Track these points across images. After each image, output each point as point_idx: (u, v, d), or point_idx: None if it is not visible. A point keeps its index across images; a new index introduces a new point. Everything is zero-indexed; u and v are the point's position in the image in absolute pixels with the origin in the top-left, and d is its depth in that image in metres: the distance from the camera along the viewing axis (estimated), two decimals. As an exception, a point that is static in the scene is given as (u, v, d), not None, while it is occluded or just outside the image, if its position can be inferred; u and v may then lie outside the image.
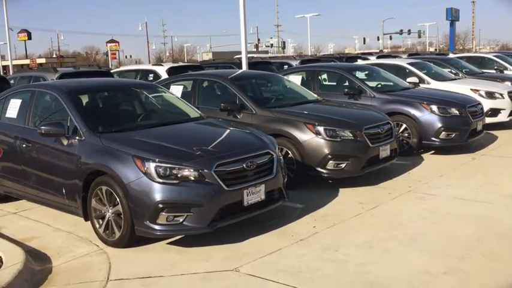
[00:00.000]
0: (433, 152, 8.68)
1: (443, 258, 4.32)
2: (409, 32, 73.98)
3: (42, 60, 61.63)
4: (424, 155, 8.51)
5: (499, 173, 7.15)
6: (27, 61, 56.88)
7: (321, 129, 6.45)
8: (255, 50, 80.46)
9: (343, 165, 6.45)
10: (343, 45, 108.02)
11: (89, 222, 5.09)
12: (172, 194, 4.50)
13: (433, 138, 8.31)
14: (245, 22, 12.66)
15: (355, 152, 6.46)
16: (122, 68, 15.44)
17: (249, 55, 14.69)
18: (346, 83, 9.44)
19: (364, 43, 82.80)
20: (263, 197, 4.98)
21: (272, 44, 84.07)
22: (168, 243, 4.88)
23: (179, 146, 4.88)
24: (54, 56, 76.49)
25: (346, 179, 6.67)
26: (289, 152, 6.60)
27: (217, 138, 5.33)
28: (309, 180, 6.65)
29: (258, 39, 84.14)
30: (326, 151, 6.39)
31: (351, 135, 6.51)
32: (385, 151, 6.84)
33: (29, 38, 54.40)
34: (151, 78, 12.49)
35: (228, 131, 5.67)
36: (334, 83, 10.09)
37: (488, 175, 7.06)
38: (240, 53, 13.69)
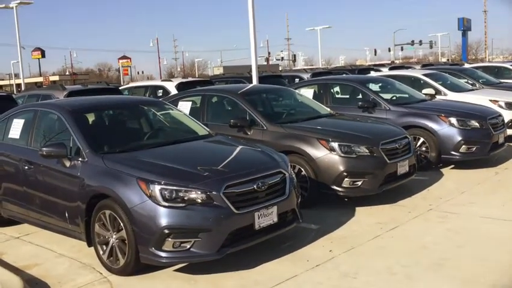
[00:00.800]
0: (452, 166, 8.31)
1: (474, 286, 3.96)
2: (420, 42, 73.62)
3: (56, 78, 62.32)
4: (443, 170, 8.15)
5: (525, 189, 6.77)
6: (40, 79, 57.53)
7: (335, 145, 6.15)
8: (266, 63, 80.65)
9: (359, 183, 6.12)
10: (354, 57, 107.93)
11: (93, 247, 4.83)
12: (178, 218, 4.22)
13: (453, 152, 7.95)
14: (255, 35, 12.47)
15: (371, 169, 6.14)
16: (130, 85, 15.32)
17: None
18: (360, 96, 9.14)
19: (375, 54, 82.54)
20: (275, 219, 4.68)
21: (282, 57, 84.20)
22: (175, 270, 4.59)
23: (186, 166, 4.61)
24: (67, 73, 77.38)
25: (362, 197, 6.34)
26: (302, 170, 6.30)
27: (226, 157, 5.06)
28: (323, 199, 6.34)
29: (269, 53, 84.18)
30: (341, 168, 6.07)
31: (367, 151, 6.19)
32: (403, 167, 6.50)
33: (43, 56, 55.04)
34: (161, 94, 12.33)
35: (237, 149, 5.40)
36: (347, 96, 9.80)
37: (513, 191, 6.68)
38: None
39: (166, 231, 4.19)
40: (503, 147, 8.51)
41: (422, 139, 8.15)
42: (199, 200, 4.28)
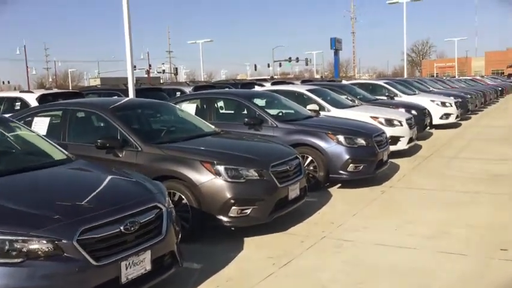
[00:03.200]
0: (339, 185, 8.04)
1: (383, 337, 3.42)
2: (297, 59, 77.15)
3: None
4: (331, 190, 7.84)
5: (413, 209, 6.61)
6: None
7: (221, 168, 5.39)
8: (147, 75, 78.39)
9: (248, 211, 5.42)
10: (235, 72, 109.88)
11: None
12: (13, 279, 3.11)
13: (341, 171, 7.67)
14: (131, 45, 11.39)
15: (262, 195, 5.48)
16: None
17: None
18: (246, 112, 8.57)
19: (255, 70, 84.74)
20: (149, 267, 3.75)
21: (164, 70, 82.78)
22: None
23: (26, 205, 3.49)
24: None
25: (250, 226, 5.65)
26: (183, 197, 5.43)
27: (86, 190, 4.01)
28: (207, 230, 5.53)
29: (149, 65, 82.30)
30: (228, 195, 5.32)
31: (256, 174, 5.52)
32: (294, 191, 5.95)
33: None
34: (18, 107, 10.61)
35: (101, 178, 4.37)
36: (232, 112, 9.18)
37: (402, 212, 6.48)
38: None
39: (-7, 298, 3.06)
40: (386, 165, 8.48)
41: (310, 158, 7.77)
42: (43, 253, 3.20)
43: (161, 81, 65.60)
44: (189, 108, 8.74)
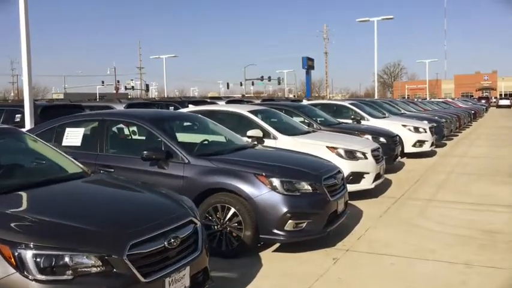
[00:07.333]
0: (276, 247, 5.73)
1: None
2: (269, 78, 75.98)
3: None
4: (262, 254, 5.54)
5: (374, 298, 4.33)
6: None
7: (26, 255, 2.96)
8: (115, 92, 75.64)
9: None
10: (207, 89, 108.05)
11: None
12: None
13: (276, 231, 5.32)
14: (29, 55, 8.99)
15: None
16: None
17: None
18: (152, 141, 6.20)
19: (228, 88, 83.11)
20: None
21: (133, 87, 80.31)
22: None
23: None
24: None
25: None
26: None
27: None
28: None
29: (117, 81, 79.71)
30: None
31: (100, 263, 3.10)
32: (180, 282, 3.56)
33: None
34: None
35: None
36: (136, 140, 6.81)
37: (359, 306, 4.18)
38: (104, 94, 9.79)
39: None
40: (343, 217, 6.15)
41: (233, 209, 5.42)
42: None
43: (129, 97, 63.23)
44: (74, 134, 6.34)
